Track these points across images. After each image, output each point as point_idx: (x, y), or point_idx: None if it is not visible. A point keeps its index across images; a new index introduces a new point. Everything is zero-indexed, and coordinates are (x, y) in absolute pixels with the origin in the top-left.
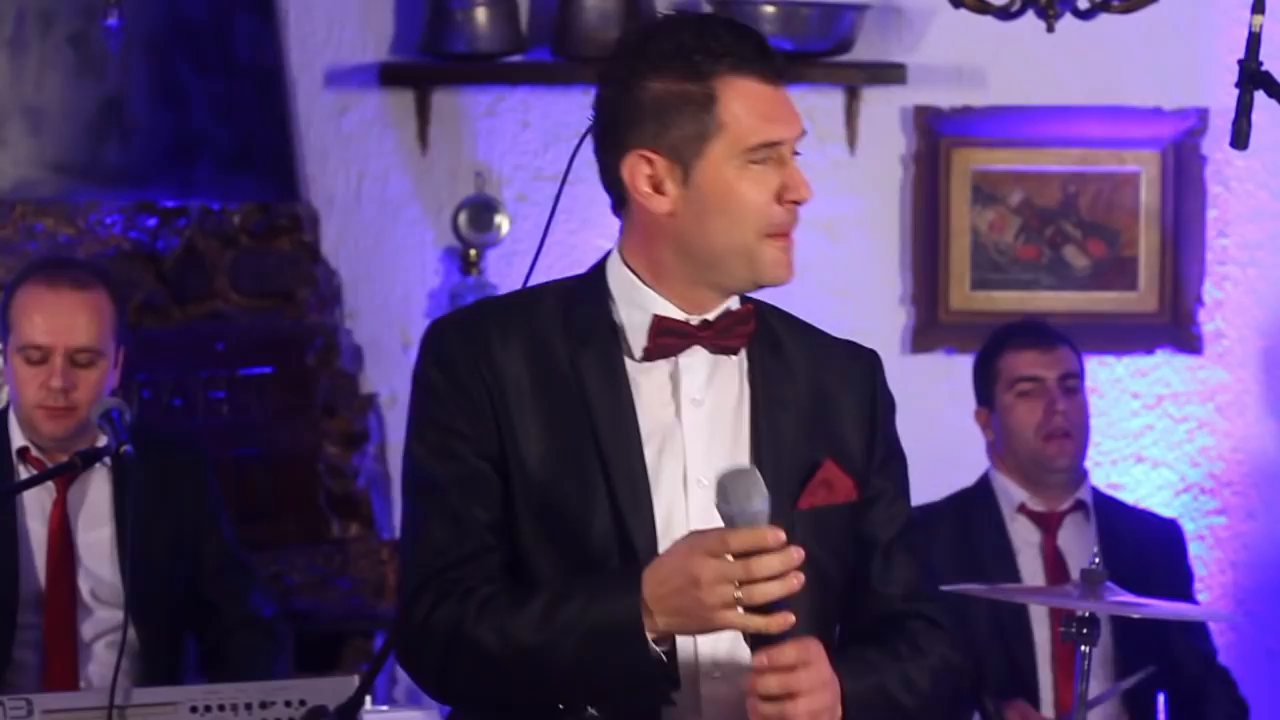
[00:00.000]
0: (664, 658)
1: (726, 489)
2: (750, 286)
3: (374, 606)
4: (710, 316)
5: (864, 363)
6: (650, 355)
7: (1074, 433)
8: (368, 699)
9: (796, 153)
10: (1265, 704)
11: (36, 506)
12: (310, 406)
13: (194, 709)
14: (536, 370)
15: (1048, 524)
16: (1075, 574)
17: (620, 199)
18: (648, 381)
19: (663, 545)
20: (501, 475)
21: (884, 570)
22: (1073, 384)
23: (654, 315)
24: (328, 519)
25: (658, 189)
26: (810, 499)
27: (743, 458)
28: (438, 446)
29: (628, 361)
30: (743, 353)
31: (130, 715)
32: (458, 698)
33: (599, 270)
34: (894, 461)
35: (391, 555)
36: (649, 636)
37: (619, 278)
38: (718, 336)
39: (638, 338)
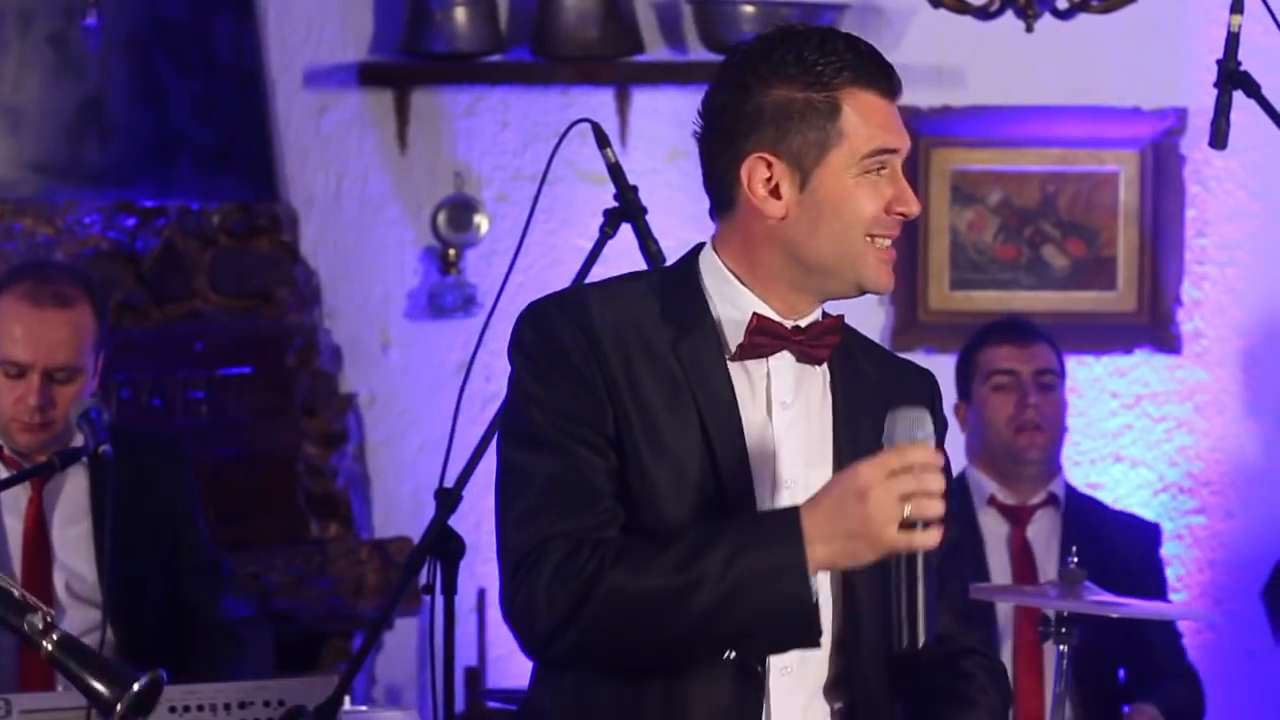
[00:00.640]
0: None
1: (895, 421)
2: (854, 293)
3: (353, 606)
4: (804, 323)
5: (925, 383)
6: (743, 353)
7: (1045, 426)
8: (346, 699)
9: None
10: (1243, 702)
11: (12, 503)
12: (289, 406)
13: (173, 709)
14: (638, 348)
15: (1017, 517)
16: (1042, 568)
17: (727, 200)
18: (740, 379)
19: None
20: (615, 449)
21: (950, 588)
22: (1049, 380)
23: (753, 314)
24: (307, 519)
25: (774, 193)
26: None
27: (827, 464)
28: (551, 423)
29: (730, 362)
30: (825, 365)
31: None
32: (578, 648)
33: (690, 265)
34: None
35: (370, 555)
36: (810, 577)
37: (715, 275)
38: (808, 343)
39: (734, 335)
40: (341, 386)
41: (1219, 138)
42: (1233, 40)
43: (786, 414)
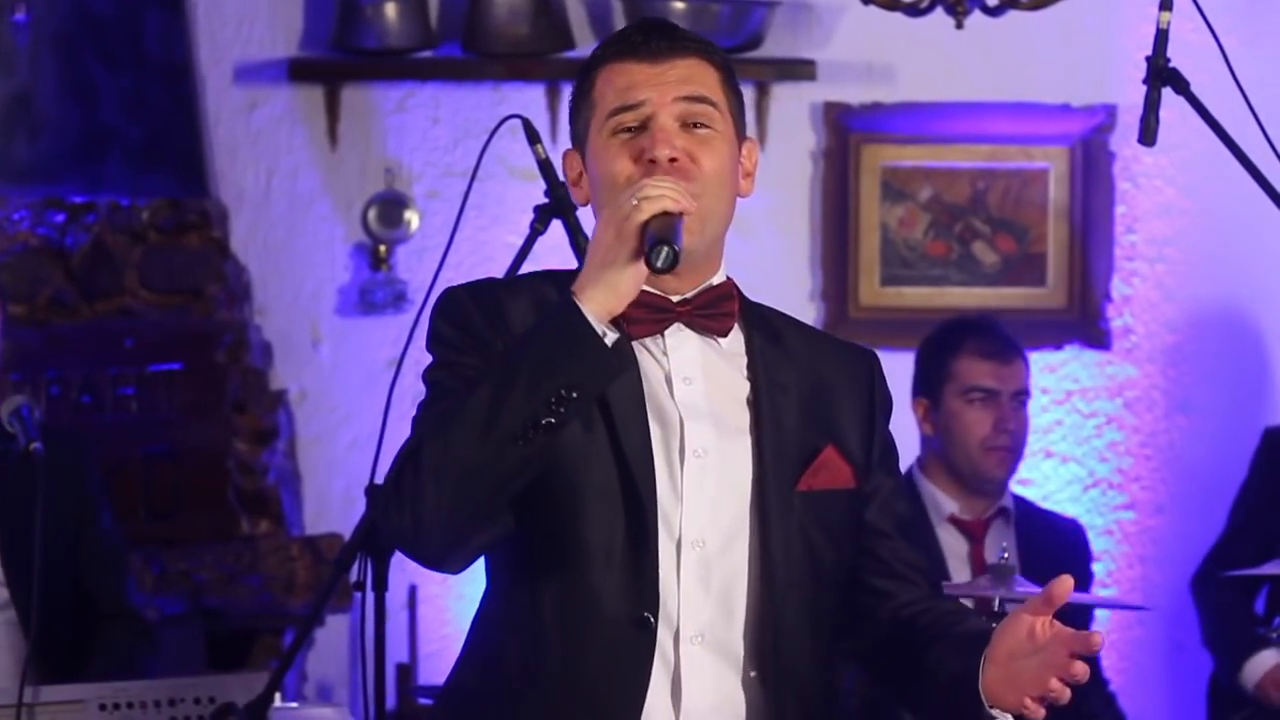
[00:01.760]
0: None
1: None
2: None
3: (283, 604)
4: (689, 294)
5: (863, 361)
6: (632, 330)
7: (1016, 448)
8: (277, 696)
9: (701, 124)
10: (1172, 697)
11: None
12: (220, 403)
13: (102, 706)
14: None
15: (973, 532)
16: (1019, 581)
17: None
18: (643, 358)
19: (660, 501)
20: None
21: (898, 561)
22: (1023, 399)
23: None
24: (237, 516)
25: (576, 182)
26: (810, 481)
27: (743, 437)
28: (456, 375)
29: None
30: (741, 340)
31: (39, 713)
32: (443, 524)
33: None
34: (890, 456)
35: (301, 552)
36: (585, 311)
37: None
38: (697, 313)
39: (625, 313)
40: (272, 383)
41: (1148, 134)
42: (1162, 37)
43: (690, 388)
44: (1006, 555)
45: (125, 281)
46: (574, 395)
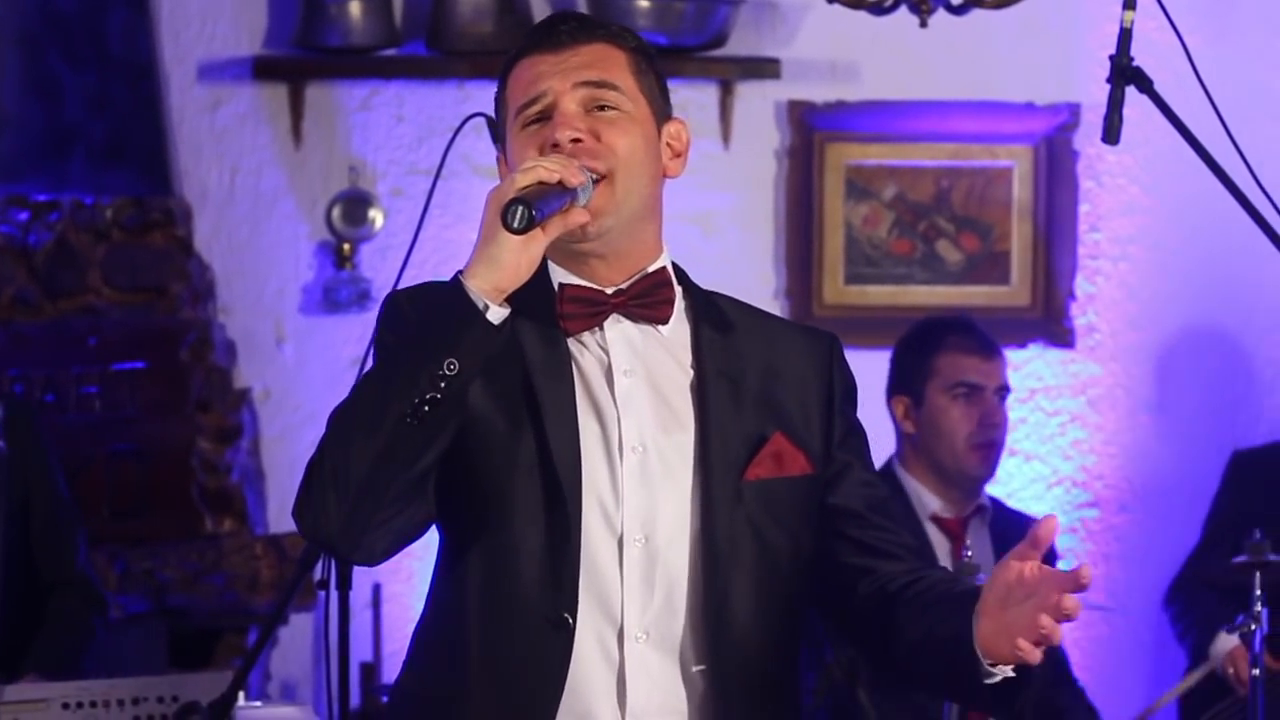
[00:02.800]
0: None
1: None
2: (561, 230)
3: (248, 602)
4: (624, 285)
5: (821, 343)
6: (568, 325)
7: (1000, 444)
8: (241, 694)
9: (607, 106)
10: (1136, 695)
11: None
12: (183, 402)
13: (65, 705)
14: None
15: (954, 531)
16: (982, 579)
17: None
18: (582, 354)
19: (588, 505)
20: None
21: (877, 538)
22: (1004, 395)
23: (559, 284)
24: (201, 514)
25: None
26: (758, 470)
27: (685, 428)
28: None
29: (569, 339)
30: (686, 330)
31: (1, 712)
32: (348, 518)
33: None
34: (854, 437)
35: (265, 550)
36: (466, 286)
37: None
38: (633, 302)
39: (559, 310)
40: (236, 381)
41: (1112, 133)
42: (1125, 36)
43: (630, 380)
44: (971, 554)
45: (89, 280)
46: (455, 370)
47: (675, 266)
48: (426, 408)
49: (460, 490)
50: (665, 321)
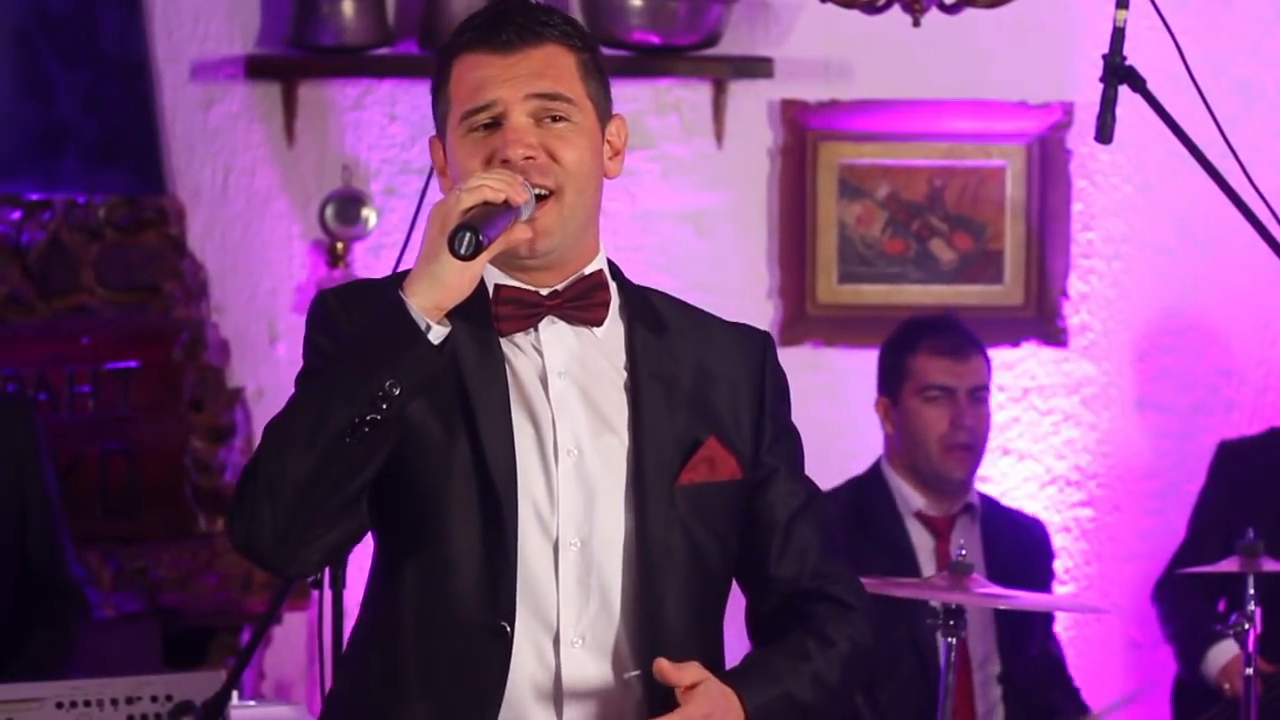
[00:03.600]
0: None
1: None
2: (504, 247)
3: (241, 601)
4: (560, 286)
5: (753, 342)
6: (505, 328)
7: (975, 445)
8: (235, 693)
9: (558, 118)
10: (1127, 692)
11: None
12: (177, 401)
13: (59, 705)
14: None
15: (939, 529)
16: (976, 578)
17: None
18: (516, 356)
19: (523, 510)
20: None
21: (782, 551)
22: (981, 394)
23: (495, 286)
24: (194, 514)
25: (443, 171)
26: (691, 475)
27: (620, 431)
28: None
29: (502, 339)
30: (621, 331)
31: None
32: (279, 533)
33: None
34: (785, 440)
35: None
36: (408, 304)
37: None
38: (568, 305)
39: (494, 311)
40: (229, 380)
41: (1105, 132)
42: (1118, 35)
43: (565, 383)
44: (965, 553)
45: (82, 279)
46: (397, 391)
47: (610, 264)
48: (367, 428)
49: (394, 496)
50: (600, 323)
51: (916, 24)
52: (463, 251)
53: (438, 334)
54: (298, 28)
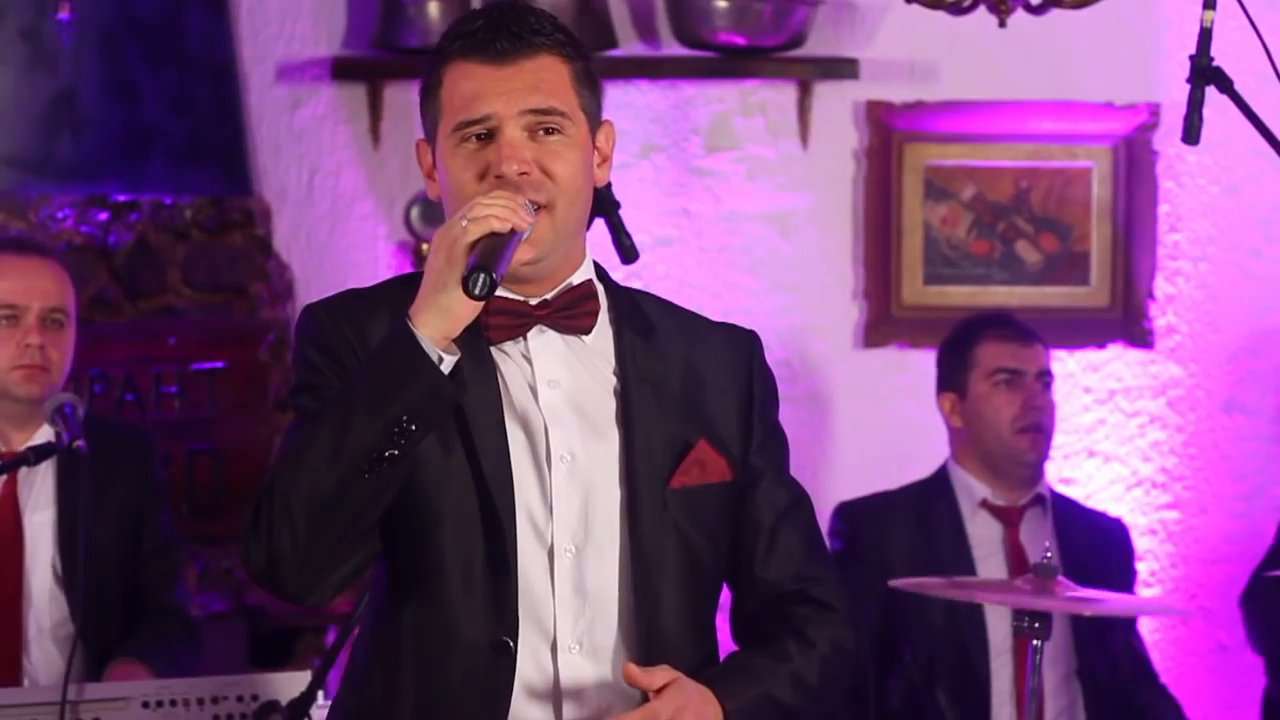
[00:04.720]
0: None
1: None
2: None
3: None
4: (549, 296)
5: (741, 344)
6: (495, 337)
7: (1047, 427)
8: (320, 694)
9: (552, 130)
10: (1215, 697)
11: None
12: (262, 401)
13: (145, 704)
14: None
15: (1009, 518)
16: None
17: None
18: (506, 364)
19: (520, 519)
20: None
21: (768, 553)
22: (1047, 381)
23: None
24: None
25: (430, 175)
26: (683, 478)
27: (611, 437)
28: (312, 401)
29: (491, 348)
30: (610, 337)
31: (83, 711)
32: (296, 561)
33: None
34: (773, 442)
35: None
36: (419, 337)
37: None
38: (558, 314)
39: (484, 321)
40: None
41: (1192, 133)
42: (1205, 35)
43: (555, 391)
44: (1050, 555)
45: (168, 280)
46: (413, 426)
47: (597, 266)
48: (384, 463)
49: (393, 509)
50: (588, 331)
51: (1002, 24)
52: (478, 294)
53: (448, 364)
54: (383, 29)
